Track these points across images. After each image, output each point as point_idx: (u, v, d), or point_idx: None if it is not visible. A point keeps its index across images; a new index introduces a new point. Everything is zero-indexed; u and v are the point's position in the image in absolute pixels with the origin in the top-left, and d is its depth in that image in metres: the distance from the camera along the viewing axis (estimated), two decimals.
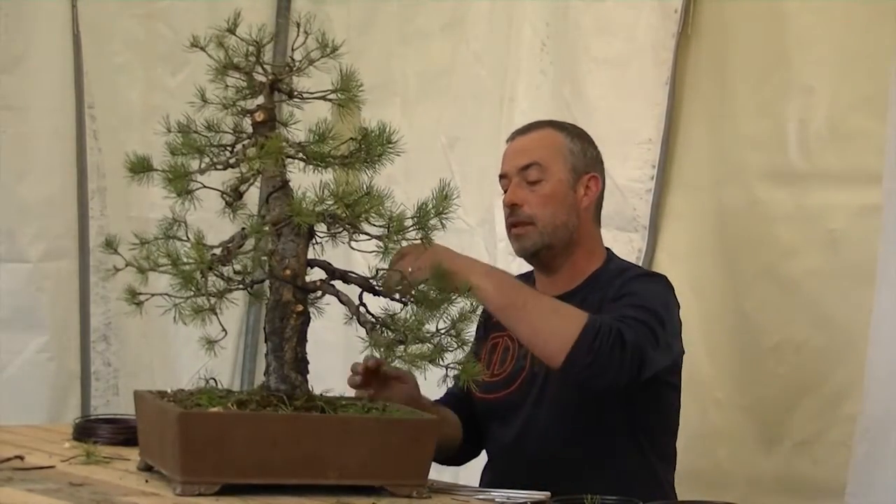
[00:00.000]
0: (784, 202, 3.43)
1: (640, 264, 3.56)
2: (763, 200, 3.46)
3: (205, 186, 2.47)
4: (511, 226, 2.94)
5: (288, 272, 2.44)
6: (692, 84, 3.59)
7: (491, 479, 2.95)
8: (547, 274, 2.98)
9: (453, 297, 2.45)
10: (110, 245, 2.50)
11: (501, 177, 2.98)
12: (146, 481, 2.48)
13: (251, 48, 2.49)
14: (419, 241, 2.44)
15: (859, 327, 3.19)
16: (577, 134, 3.00)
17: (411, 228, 2.43)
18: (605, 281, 2.92)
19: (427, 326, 2.42)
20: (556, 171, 2.93)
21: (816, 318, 3.35)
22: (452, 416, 2.99)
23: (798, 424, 3.35)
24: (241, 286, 2.46)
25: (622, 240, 3.60)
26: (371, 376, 2.80)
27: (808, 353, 3.36)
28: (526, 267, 3.06)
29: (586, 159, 2.98)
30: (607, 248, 3.05)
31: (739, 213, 3.51)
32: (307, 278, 2.47)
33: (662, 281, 2.94)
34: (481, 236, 4.03)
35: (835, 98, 3.32)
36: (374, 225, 2.42)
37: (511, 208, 2.92)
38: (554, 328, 2.64)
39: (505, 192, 2.96)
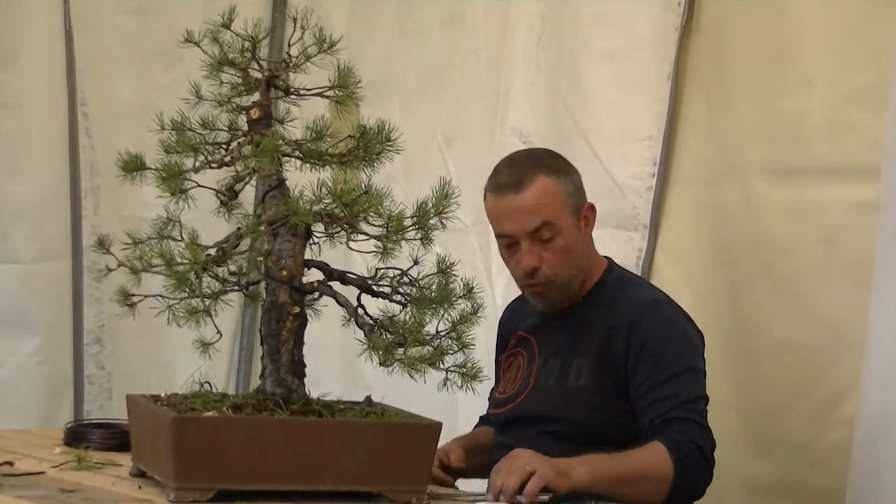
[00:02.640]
0: (780, 198, 3.35)
1: (640, 264, 3.50)
2: (760, 196, 3.39)
3: (199, 185, 2.42)
4: (528, 286, 2.86)
5: (284, 273, 2.40)
6: (692, 78, 3.52)
7: None
8: None
9: (453, 299, 2.42)
10: (102, 245, 2.47)
11: (502, 236, 2.85)
12: (139, 487, 2.45)
13: (247, 43, 2.44)
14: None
15: (856, 326, 3.10)
16: (562, 169, 2.88)
17: (411, 228, 2.39)
18: (608, 297, 2.87)
19: (427, 328, 2.38)
20: (564, 222, 2.83)
21: (812, 317, 3.28)
22: (485, 436, 2.99)
23: (794, 427, 3.29)
24: (236, 287, 2.42)
25: (621, 238, 3.52)
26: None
27: (803, 353, 3.28)
28: None
29: (578, 191, 2.89)
30: (606, 257, 2.99)
31: (737, 209, 3.45)
32: (304, 279, 2.43)
33: (679, 315, 2.88)
34: (475, 235, 3.96)
35: (833, 90, 3.24)
36: (373, 224, 2.38)
37: (531, 272, 2.82)
38: (650, 489, 2.67)
39: (506, 248, 2.84)
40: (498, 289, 3.78)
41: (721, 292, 3.43)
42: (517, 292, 3.10)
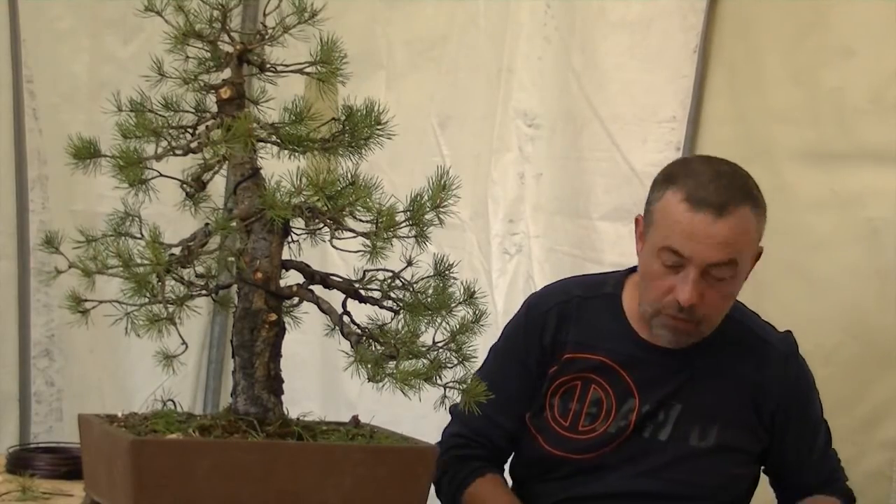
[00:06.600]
0: (816, 186, 3.38)
1: None
2: (791, 184, 3.41)
3: (162, 175, 2.41)
4: (671, 318, 2.79)
5: (259, 275, 2.39)
6: (718, 51, 3.58)
7: None
8: None
9: (452, 305, 2.41)
10: (51, 243, 2.46)
11: (672, 252, 2.73)
12: None
13: (216, 13, 2.43)
14: None
15: None
16: (763, 205, 2.80)
17: (404, 224, 2.37)
18: (733, 336, 2.87)
19: (422, 339, 2.38)
20: (744, 267, 2.78)
21: (851, 322, 3.31)
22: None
23: None
24: (204, 292, 2.41)
25: None
26: None
27: (840, 364, 3.31)
28: (560, 272, 2.92)
29: (762, 229, 2.83)
30: None
31: (766, 199, 3.41)
32: (282, 282, 2.42)
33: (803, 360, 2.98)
34: (474, 232, 3.96)
35: (878, 63, 3.25)
36: (360, 220, 2.36)
37: (689, 308, 2.75)
38: None
39: (664, 265, 2.74)
40: (499, 293, 3.79)
41: (745, 292, 3.40)
42: (520, 299, 3.06)
